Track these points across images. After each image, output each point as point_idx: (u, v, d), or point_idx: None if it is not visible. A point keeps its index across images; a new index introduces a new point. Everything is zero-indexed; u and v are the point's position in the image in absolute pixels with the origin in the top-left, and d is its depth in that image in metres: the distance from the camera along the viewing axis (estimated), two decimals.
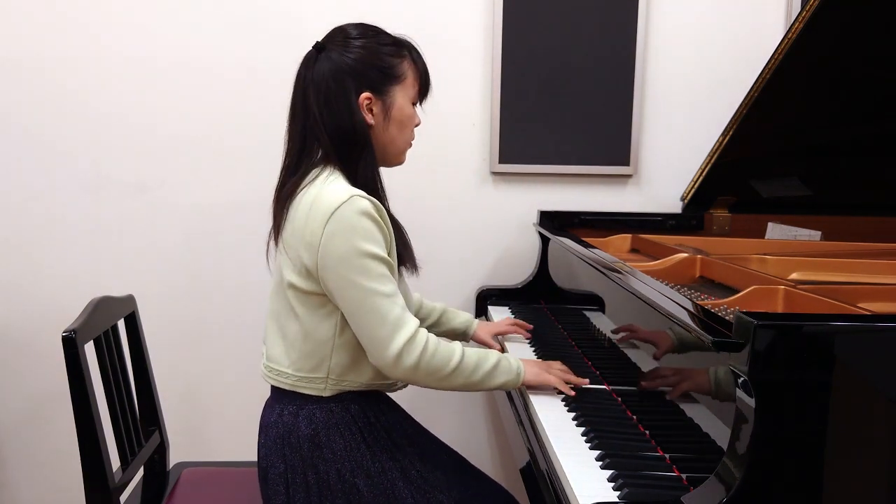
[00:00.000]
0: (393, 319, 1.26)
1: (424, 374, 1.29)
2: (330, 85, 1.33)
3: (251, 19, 2.16)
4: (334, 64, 1.33)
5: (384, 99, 1.36)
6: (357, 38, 1.36)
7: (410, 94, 1.40)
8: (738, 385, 0.93)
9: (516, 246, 2.31)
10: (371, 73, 1.34)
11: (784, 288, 1.30)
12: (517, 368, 1.39)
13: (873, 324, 0.96)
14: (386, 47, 1.37)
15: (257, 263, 2.25)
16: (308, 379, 1.34)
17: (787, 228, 2.05)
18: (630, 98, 2.23)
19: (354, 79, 1.33)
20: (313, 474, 1.33)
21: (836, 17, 1.66)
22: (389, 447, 1.37)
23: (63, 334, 1.33)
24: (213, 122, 2.19)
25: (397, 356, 1.26)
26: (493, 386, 1.37)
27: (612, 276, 1.44)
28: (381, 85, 1.35)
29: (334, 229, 1.24)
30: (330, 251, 1.25)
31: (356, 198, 1.26)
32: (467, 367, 1.32)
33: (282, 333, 1.37)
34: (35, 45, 2.13)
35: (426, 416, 1.92)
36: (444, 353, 1.30)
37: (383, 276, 1.26)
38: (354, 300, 1.25)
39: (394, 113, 1.37)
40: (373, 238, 1.26)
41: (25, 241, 2.20)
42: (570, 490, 1.06)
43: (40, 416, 2.27)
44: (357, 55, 1.34)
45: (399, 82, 1.37)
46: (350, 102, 1.33)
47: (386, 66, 1.36)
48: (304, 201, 1.31)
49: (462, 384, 1.33)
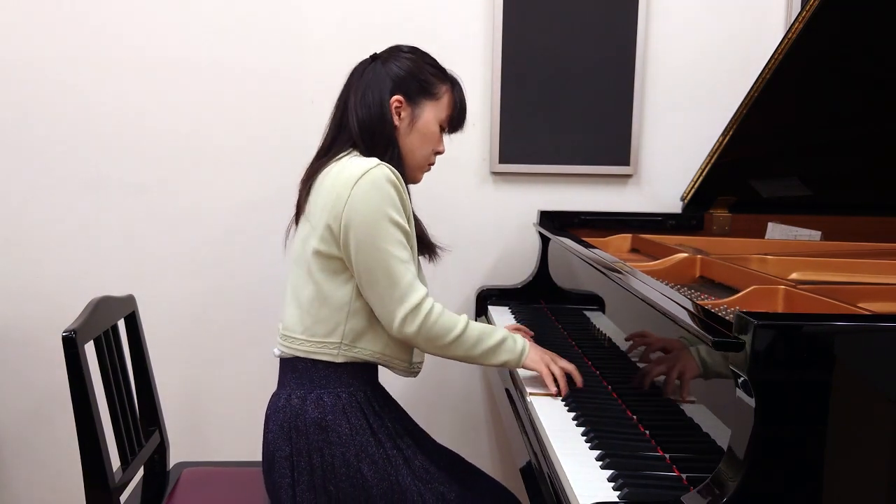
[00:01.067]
0: (404, 285, 1.32)
1: (424, 339, 1.35)
2: (370, 83, 1.44)
3: (252, 20, 2.16)
4: (380, 68, 1.45)
5: (414, 108, 1.46)
6: (407, 52, 1.48)
7: (440, 116, 1.48)
8: (738, 385, 0.93)
9: (516, 246, 2.31)
10: (409, 81, 1.45)
11: (784, 288, 1.30)
12: (522, 349, 1.43)
13: (873, 324, 0.96)
14: (431, 67, 1.48)
15: (257, 263, 2.26)
16: (321, 344, 1.39)
17: (787, 228, 2.05)
18: (630, 98, 2.23)
19: (392, 81, 1.44)
20: (318, 458, 1.36)
21: (836, 17, 1.66)
22: (393, 436, 1.41)
23: (63, 334, 1.34)
24: (213, 123, 2.19)
25: (402, 320, 1.33)
26: (494, 363, 1.42)
27: (612, 276, 1.44)
28: (415, 95, 1.45)
29: (361, 191, 1.32)
30: (356, 209, 1.31)
31: (382, 166, 1.34)
32: (468, 339, 1.38)
33: (297, 302, 1.42)
34: (35, 44, 2.13)
35: (426, 415, 1.93)
36: (446, 323, 1.36)
37: (400, 243, 1.34)
38: (371, 260, 1.32)
39: (419, 124, 1.46)
40: (395, 205, 1.33)
41: (26, 240, 2.20)
42: (570, 490, 1.06)
43: (40, 416, 2.27)
44: (401, 63, 1.45)
45: (433, 99, 1.47)
46: (383, 99, 1.43)
47: (424, 80, 1.46)
48: (330, 175, 1.39)
49: (462, 355, 1.39)
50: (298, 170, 2.22)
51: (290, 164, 2.22)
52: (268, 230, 2.24)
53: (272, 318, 2.26)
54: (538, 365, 1.43)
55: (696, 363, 1.10)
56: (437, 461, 1.46)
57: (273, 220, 2.24)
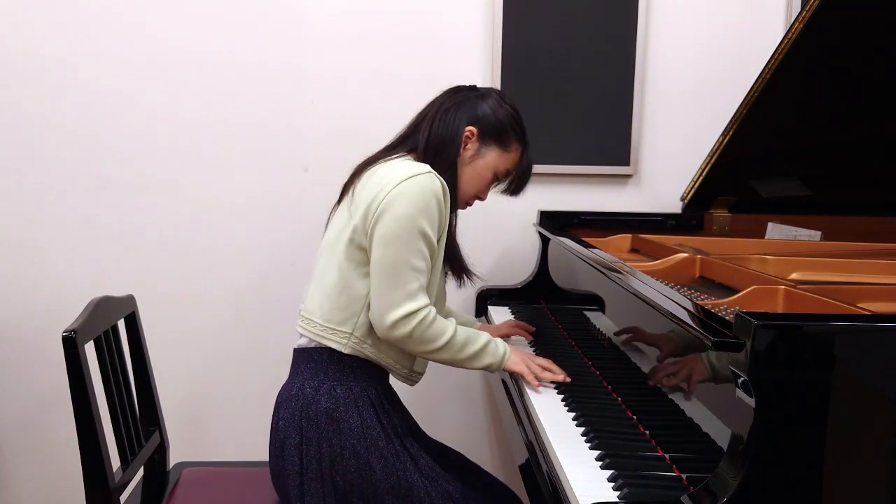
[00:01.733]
0: (407, 291, 1.34)
1: (414, 343, 1.37)
2: (455, 105, 1.48)
3: (253, 19, 2.16)
4: (472, 98, 1.49)
5: (481, 147, 1.49)
6: (508, 104, 1.51)
7: (500, 166, 1.51)
8: (738, 385, 0.93)
9: (516, 246, 2.31)
10: (490, 123, 1.48)
11: (784, 288, 1.30)
12: (503, 353, 1.46)
13: (873, 324, 0.96)
14: (517, 124, 1.52)
15: (257, 263, 2.26)
16: (333, 331, 1.41)
17: (787, 228, 2.05)
18: (630, 98, 2.23)
19: (476, 114, 1.48)
20: (327, 447, 1.37)
21: (836, 17, 1.66)
22: (400, 435, 1.43)
23: (63, 334, 1.34)
24: (213, 123, 2.19)
25: (393, 323, 1.34)
26: (477, 366, 1.45)
27: (612, 276, 1.44)
28: (488, 136, 1.49)
29: (403, 190, 1.34)
30: (392, 205, 1.34)
31: (434, 175, 1.37)
32: (456, 344, 1.41)
33: (321, 286, 1.45)
34: (35, 44, 2.12)
35: (427, 414, 1.93)
36: (436, 332, 1.38)
37: (421, 254, 1.36)
38: (386, 256, 1.34)
39: (479, 162, 1.49)
40: (431, 219, 1.36)
41: (26, 240, 2.20)
42: (570, 490, 1.06)
43: (40, 416, 2.27)
44: (492, 105, 1.49)
45: (502, 149, 1.50)
46: (459, 124, 1.47)
47: (504, 130, 1.49)
48: (381, 171, 1.42)
49: (448, 359, 1.42)
50: (299, 170, 2.24)
51: (291, 164, 2.23)
52: (268, 230, 2.24)
53: (272, 317, 2.27)
54: (519, 367, 1.46)
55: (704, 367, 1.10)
56: (440, 461, 1.47)
57: (273, 220, 2.24)
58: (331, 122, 2.21)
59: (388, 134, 1.54)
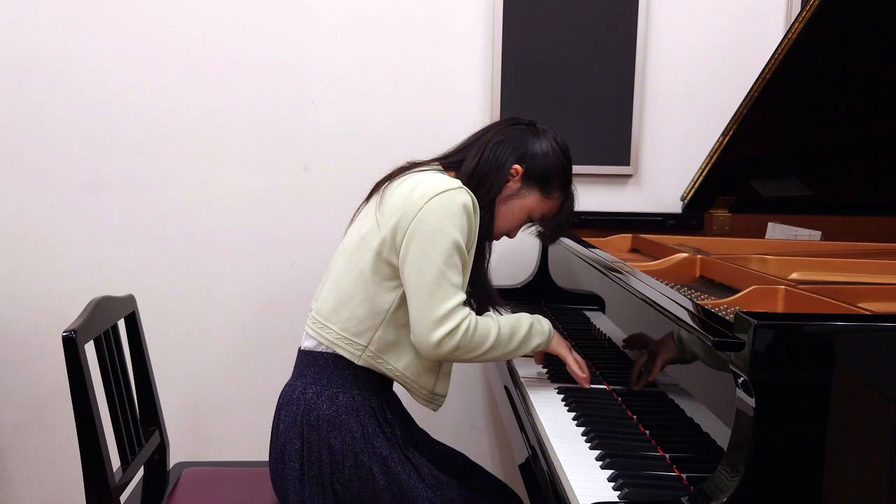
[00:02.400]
0: (447, 308, 1.31)
1: (463, 352, 1.34)
2: (513, 139, 1.46)
3: (253, 19, 2.16)
4: (531, 137, 1.47)
5: (522, 188, 1.47)
6: (558, 146, 1.49)
7: (537, 211, 1.49)
8: (738, 385, 0.93)
9: (516, 246, 2.30)
10: (538, 166, 1.45)
11: (784, 288, 1.30)
12: (549, 330, 1.45)
13: (873, 324, 0.96)
14: (564, 171, 1.49)
15: (257, 263, 2.26)
16: (349, 341, 1.39)
17: (787, 228, 2.05)
18: (630, 98, 2.23)
19: (525, 155, 1.45)
20: (328, 454, 1.36)
21: (836, 17, 1.66)
22: (404, 443, 1.42)
23: (63, 334, 1.33)
24: (214, 122, 2.19)
25: (438, 342, 1.31)
26: (528, 350, 1.43)
27: (612, 276, 1.44)
28: (533, 180, 1.46)
29: (436, 205, 1.32)
30: (424, 222, 1.32)
31: (463, 190, 1.36)
32: (502, 340, 1.38)
33: (337, 291, 1.41)
34: (35, 44, 2.12)
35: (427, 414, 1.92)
36: (482, 334, 1.35)
37: (456, 267, 1.34)
38: (424, 274, 1.31)
39: (515, 202, 1.47)
40: (463, 230, 1.34)
41: (25, 240, 2.20)
42: (570, 490, 1.06)
43: (40, 415, 2.27)
44: (544, 149, 1.46)
45: (543, 194, 1.48)
46: (509, 158, 1.44)
47: (549, 176, 1.46)
48: (418, 177, 1.40)
49: (500, 355, 1.40)
50: (299, 170, 2.24)
51: (292, 164, 2.23)
52: (268, 229, 2.24)
53: (272, 317, 2.27)
54: (561, 348, 1.46)
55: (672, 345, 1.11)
56: (442, 466, 1.46)
57: (274, 220, 2.24)
58: (331, 122, 2.21)
59: (388, 133, 1.53)
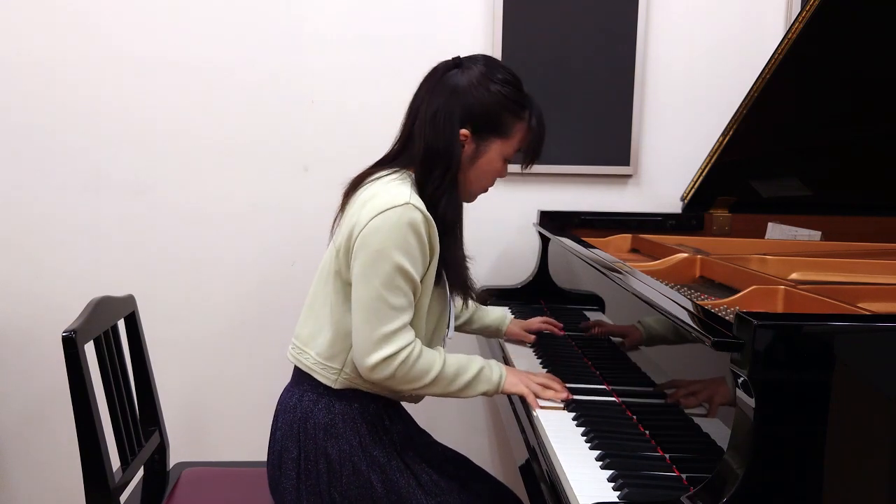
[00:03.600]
0: (386, 332, 1.27)
1: (399, 382, 1.31)
2: (444, 104, 1.34)
3: (252, 20, 2.16)
4: (460, 88, 1.34)
5: (479, 144, 1.37)
6: (496, 81, 1.36)
7: (507, 152, 1.40)
8: (738, 385, 0.93)
9: (516, 246, 2.31)
10: (483, 116, 1.35)
11: (784, 288, 1.30)
12: (499, 378, 1.39)
13: (873, 324, 0.96)
14: (512, 103, 1.37)
15: (257, 263, 2.26)
16: (323, 366, 1.37)
17: (787, 228, 2.05)
18: (630, 98, 2.23)
19: (465, 111, 1.34)
20: (325, 462, 1.35)
21: (836, 18, 1.66)
22: (402, 449, 1.40)
23: (63, 334, 1.34)
24: (213, 123, 2.19)
25: (373, 366, 1.28)
26: (471, 395, 1.38)
27: (612, 276, 1.44)
28: (484, 131, 1.36)
29: (379, 226, 1.26)
30: (367, 242, 1.27)
31: (412, 207, 1.27)
32: (446, 377, 1.33)
33: (314, 315, 1.40)
34: (35, 44, 2.13)
35: (426, 415, 1.92)
36: (422, 368, 1.31)
37: (399, 290, 1.28)
38: (363, 296, 1.28)
39: (481, 161, 1.39)
40: (409, 252, 1.27)
41: (25, 240, 2.20)
42: (570, 490, 1.06)
43: (40, 416, 2.27)
44: (482, 96, 1.34)
45: (502, 138, 1.38)
46: (453, 129, 1.34)
47: (499, 119, 1.36)
48: (366, 194, 1.34)
49: (440, 393, 1.35)
50: (299, 170, 2.24)
51: (291, 165, 2.23)
52: (268, 230, 2.24)
53: (273, 318, 2.27)
54: (518, 388, 1.39)
55: (728, 390, 1.00)
56: (442, 471, 1.44)
57: (274, 221, 2.24)
58: (331, 123, 2.21)
59: (388, 134, 1.51)
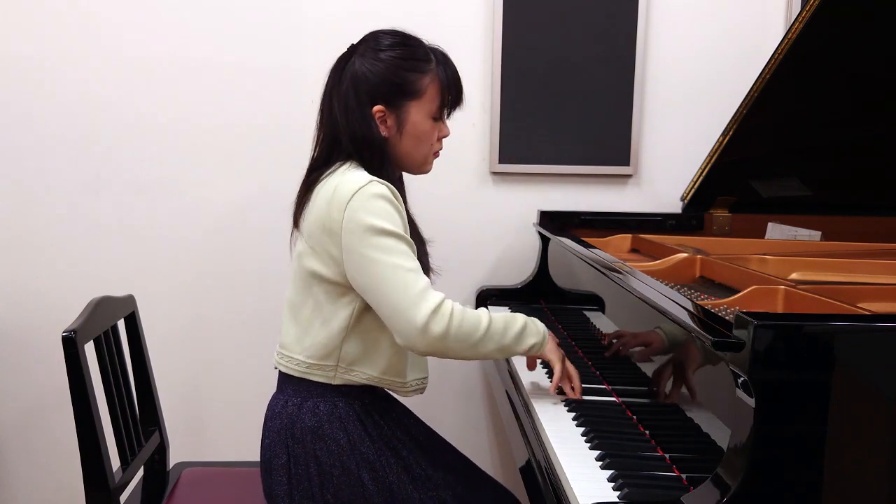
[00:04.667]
0: (418, 291, 1.24)
1: (455, 341, 1.25)
2: (349, 92, 1.34)
3: (252, 19, 2.16)
4: (357, 72, 1.35)
5: (398, 113, 1.36)
6: (383, 49, 1.35)
7: (429, 109, 1.38)
8: (738, 385, 0.93)
9: (516, 246, 2.31)
10: (385, 86, 1.34)
11: (784, 288, 1.30)
12: (544, 332, 1.38)
13: (873, 324, 0.96)
14: (408, 62, 1.35)
15: (257, 263, 2.26)
16: (318, 366, 1.36)
17: (787, 228, 2.05)
18: (630, 98, 2.23)
19: (370, 89, 1.34)
20: (315, 466, 1.34)
21: (836, 17, 1.66)
22: (393, 444, 1.39)
23: (63, 334, 1.33)
24: (213, 122, 2.19)
25: (424, 326, 1.22)
26: (523, 349, 1.35)
27: (612, 276, 1.44)
28: (395, 99, 1.35)
29: (352, 212, 1.25)
30: (351, 231, 1.26)
31: (374, 182, 1.28)
32: (496, 330, 1.30)
33: (296, 319, 1.39)
34: (35, 44, 2.12)
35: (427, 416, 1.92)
36: (472, 320, 1.27)
37: (404, 253, 1.26)
38: (376, 276, 1.25)
39: (408, 128, 1.37)
40: (390, 218, 1.27)
41: (25, 240, 2.20)
42: (570, 490, 1.06)
43: (40, 416, 2.27)
44: (376, 68, 1.34)
45: (415, 98, 1.36)
46: (365, 113, 1.34)
47: (402, 81, 1.35)
48: (326, 188, 1.32)
49: (494, 349, 1.31)
50: (299, 170, 2.23)
51: (291, 164, 2.21)
52: (268, 230, 2.24)
53: (273, 318, 2.26)
54: (556, 354, 1.38)
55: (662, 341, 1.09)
56: (440, 465, 1.44)
57: (274, 220, 2.24)
58: None
59: None
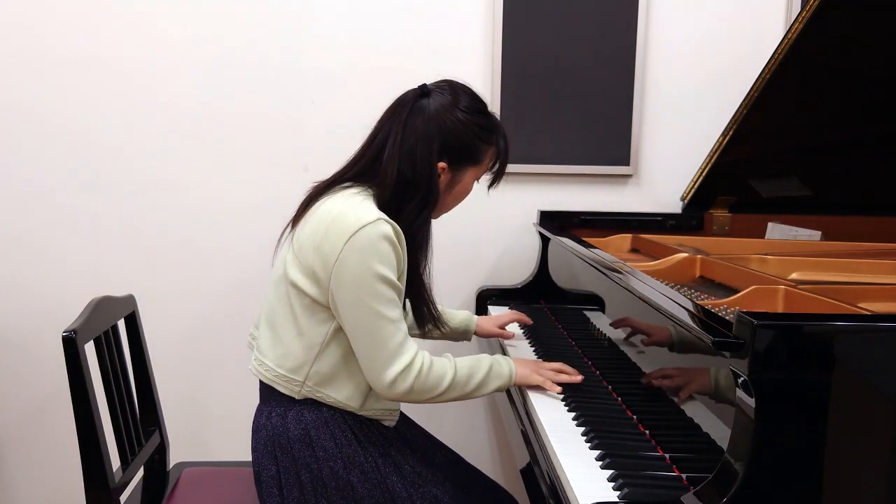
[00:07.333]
0: (393, 346, 1.28)
1: (418, 394, 1.31)
2: (419, 138, 1.35)
3: (252, 19, 2.16)
4: (431, 119, 1.36)
5: (455, 174, 1.41)
6: (463, 110, 1.38)
7: (479, 174, 1.46)
8: (738, 385, 0.93)
9: (516, 246, 2.31)
10: (458, 148, 1.38)
11: (784, 288, 1.30)
12: (509, 372, 1.41)
13: (873, 324, 0.96)
14: (482, 131, 1.40)
15: (257, 263, 2.25)
16: (286, 378, 1.35)
17: (787, 228, 2.05)
18: (630, 98, 2.23)
19: (441, 145, 1.36)
20: (307, 474, 1.34)
21: (836, 17, 1.66)
22: (381, 444, 1.39)
23: (63, 334, 1.33)
24: (214, 122, 2.19)
25: (391, 382, 1.28)
26: (486, 393, 1.39)
27: (612, 276, 1.44)
28: (460, 162, 1.40)
29: (355, 247, 1.26)
30: (348, 267, 1.26)
31: (381, 221, 1.28)
32: (460, 381, 1.35)
33: (272, 326, 1.39)
34: (35, 44, 2.13)
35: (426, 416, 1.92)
36: (437, 373, 1.32)
37: (392, 302, 1.29)
38: (361, 320, 1.28)
39: (458, 188, 1.43)
40: (389, 263, 1.28)
41: (26, 240, 2.20)
42: (570, 490, 1.06)
43: (40, 416, 2.27)
44: (455, 126, 1.37)
45: (475, 164, 1.42)
46: (433, 163, 1.36)
47: (472, 148, 1.40)
48: (325, 208, 1.33)
49: (457, 397, 1.36)
50: (299, 170, 2.24)
51: (291, 165, 2.23)
52: (268, 230, 2.22)
53: None
54: (532, 379, 1.42)
55: (710, 383, 1.07)
56: (430, 462, 1.44)
57: (274, 221, 2.23)
58: (331, 122, 2.21)
59: None
